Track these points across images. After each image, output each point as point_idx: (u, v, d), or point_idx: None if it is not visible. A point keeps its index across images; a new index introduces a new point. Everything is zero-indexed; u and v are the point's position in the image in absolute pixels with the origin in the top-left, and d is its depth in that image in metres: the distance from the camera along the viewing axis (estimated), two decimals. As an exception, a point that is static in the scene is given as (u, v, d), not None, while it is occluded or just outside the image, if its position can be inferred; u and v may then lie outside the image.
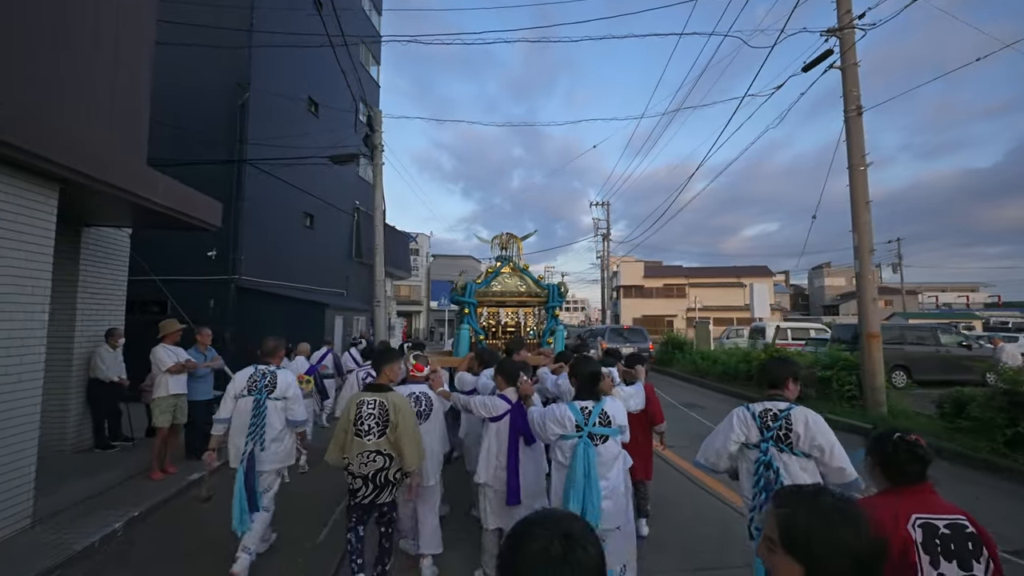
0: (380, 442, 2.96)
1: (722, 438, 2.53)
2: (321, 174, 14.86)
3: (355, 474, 2.99)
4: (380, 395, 3.07)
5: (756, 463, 2.40)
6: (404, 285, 37.42)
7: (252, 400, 3.57)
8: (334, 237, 15.89)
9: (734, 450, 2.50)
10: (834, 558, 0.92)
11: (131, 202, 4.93)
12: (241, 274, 10.97)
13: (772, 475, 2.34)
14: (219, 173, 11.12)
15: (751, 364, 11.32)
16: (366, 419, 2.98)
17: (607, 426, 2.73)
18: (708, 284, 41.73)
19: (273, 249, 12.21)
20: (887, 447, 1.61)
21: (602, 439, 2.70)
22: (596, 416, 2.71)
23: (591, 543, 0.85)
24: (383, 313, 10.05)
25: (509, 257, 6.04)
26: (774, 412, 2.43)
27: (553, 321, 5.79)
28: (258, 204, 11.66)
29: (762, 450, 2.39)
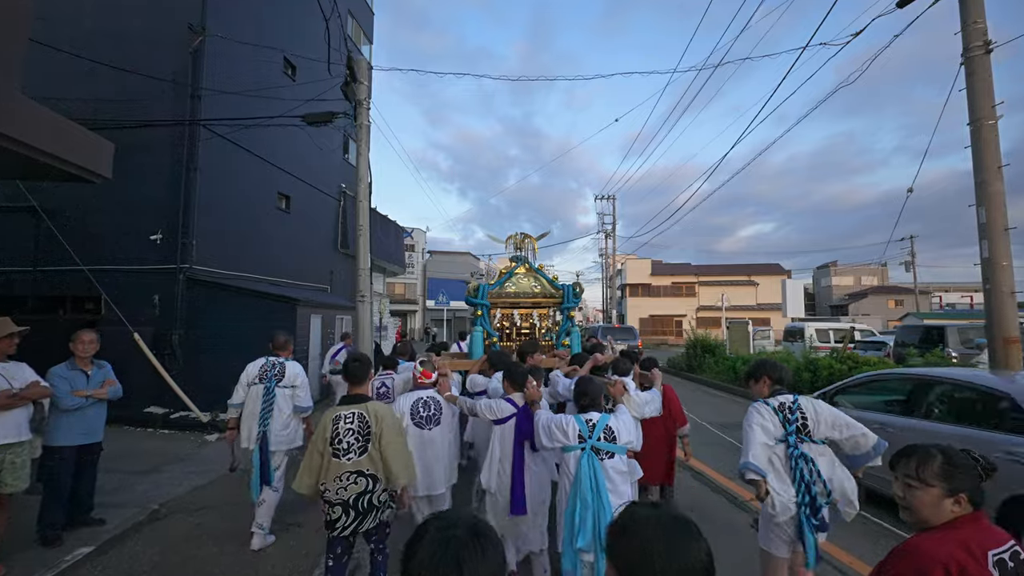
0: (361, 461, 2.70)
1: (760, 436, 2.47)
2: (301, 150, 12.76)
3: (332, 502, 2.65)
4: (358, 407, 2.80)
5: (789, 458, 2.42)
6: (399, 283, 35.34)
7: (263, 388, 4.08)
8: (316, 224, 13.78)
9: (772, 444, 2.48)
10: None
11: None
12: (194, 263, 8.87)
13: (809, 466, 2.37)
14: (165, 136, 9.02)
15: (816, 373, 9.34)
16: (344, 436, 2.71)
17: (612, 442, 2.65)
18: (718, 282, 39.83)
19: (237, 234, 10.10)
20: (968, 468, 1.38)
21: (608, 455, 2.62)
22: (600, 430, 2.64)
23: (491, 544, 0.87)
24: (368, 310, 8.00)
25: (524, 257, 5.73)
26: (788, 404, 2.53)
27: (568, 322, 5.55)
28: (217, 177, 9.55)
29: (791, 443, 2.43)
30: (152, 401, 8.60)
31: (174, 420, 8.29)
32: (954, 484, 1.37)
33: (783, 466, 2.46)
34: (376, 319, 18.49)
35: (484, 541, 0.86)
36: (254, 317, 8.78)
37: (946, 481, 1.37)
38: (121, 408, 8.45)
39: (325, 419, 2.79)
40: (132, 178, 9.18)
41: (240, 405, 4.13)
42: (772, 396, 2.62)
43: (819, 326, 15.93)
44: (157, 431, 8.16)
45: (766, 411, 2.54)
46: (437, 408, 3.49)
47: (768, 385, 2.75)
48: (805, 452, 2.42)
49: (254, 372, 4.19)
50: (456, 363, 4.83)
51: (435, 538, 0.86)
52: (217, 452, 7.00)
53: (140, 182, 9.16)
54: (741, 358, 12.79)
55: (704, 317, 39.00)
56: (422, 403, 3.45)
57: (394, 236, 19.79)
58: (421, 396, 3.49)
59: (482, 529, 0.89)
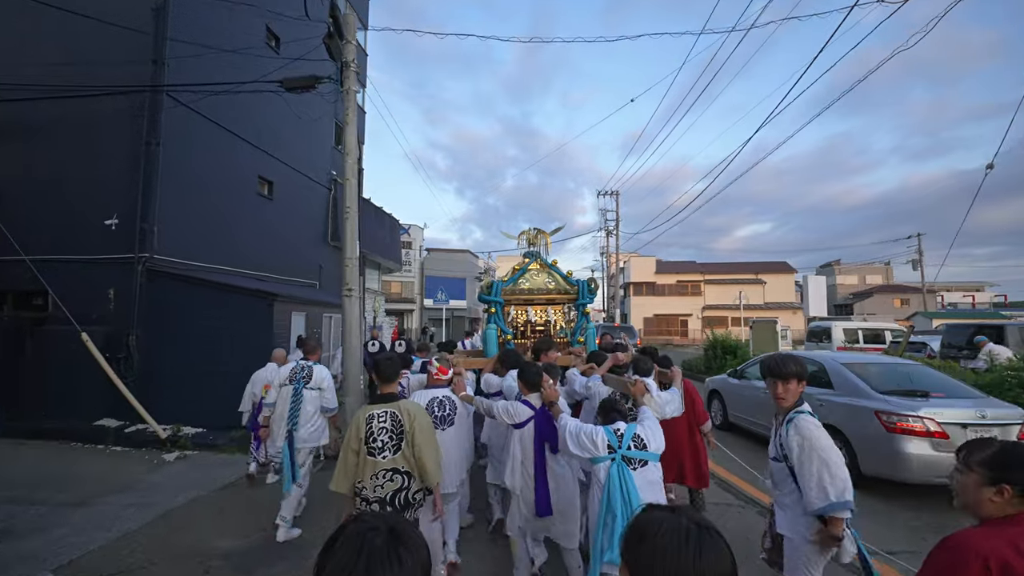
0: (396, 459, 2.70)
1: (835, 451, 2.17)
2: (287, 133, 11.57)
3: (369, 499, 2.63)
4: (390, 406, 2.79)
5: None
6: (395, 281, 34.11)
7: (292, 389, 4.37)
8: (303, 215, 12.59)
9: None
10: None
11: None
12: (155, 252, 7.67)
13: None
14: (123, 107, 7.82)
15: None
16: (378, 435, 2.70)
17: (642, 450, 2.53)
18: (724, 281, 38.73)
19: (208, 221, 8.90)
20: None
21: (641, 463, 2.51)
22: (629, 439, 2.53)
23: (410, 551, 0.84)
24: (356, 306, 6.83)
25: (537, 253, 5.59)
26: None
27: (583, 319, 5.40)
28: (185, 156, 8.36)
29: None
30: (106, 412, 7.42)
31: (129, 435, 7.10)
32: (998, 474, 1.33)
33: None
34: (369, 318, 17.30)
35: (403, 550, 0.84)
36: (224, 315, 7.58)
37: (990, 470, 1.34)
38: (67, 421, 7.43)
39: (358, 418, 2.77)
40: (84, 154, 8.01)
41: (273, 404, 4.46)
42: (801, 404, 2.32)
43: (848, 325, 14.80)
44: (108, 448, 6.96)
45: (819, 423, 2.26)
46: (452, 408, 3.45)
47: (800, 392, 2.35)
48: None
49: (286, 374, 4.51)
50: (470, 361, 4.67)
51: (351, 543, 0.84)
52: (171, 477, 5.82)
53: (93, 159, 7.97)
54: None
55: (710, 316, 37.91)
56: (437, 403, 3.43)
57: (389, 230, 18.59)
58: (436, 395, 3.46)
59: (403, 534, 0.87)
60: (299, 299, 8.82)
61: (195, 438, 7.04)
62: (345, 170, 7.07)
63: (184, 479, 5.72)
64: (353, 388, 6.83)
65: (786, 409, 2.34)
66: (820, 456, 2.12)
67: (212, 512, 4.75)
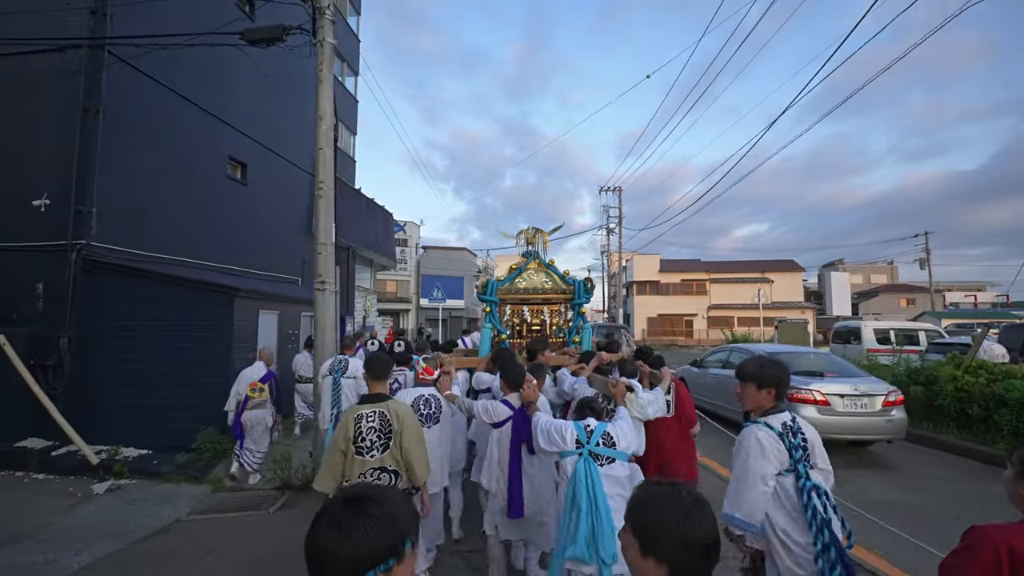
0: (384, 458, 2.71)
1: (757, 475, 1.99)
2: (265, 110, 10.34)
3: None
4: (379, 405, 2.80)
5: (801, 492, 1.94)
6: (390, 279, 32.87)
7: (331, 379, 4.98)
8: (284, 203, 11.36)
9: (773, 486, 2.01)
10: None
11: None
12: (93, 239, 6.43)
13: (823, 500, 1.92)
14: (58, 65, 6.59)
15: (933, 387, 7.03)
16: (367, 434, 2.70)
17: (611, 447, 2.49)
18: (730, 280, 37.58)
19: (164, 205, 7.66)
20: None
21: (607, 460, 2.46)
22: (598, 436, 2.49)
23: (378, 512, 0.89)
24: (330, 301, 5.63)
25: (536, 253, 5.46)
26: (789, 424, 2.07)
27: (579, 319, 5.36)
28: (134, 127, 7.13)
29: (800, 473, 1.97)
30: (32, 431, 6.18)
31: (55, 460, 5.87)
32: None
33: (793, 504, 1.96)
34: (360, 317, 16.06)
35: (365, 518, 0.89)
36: (175, 313, 6.35)
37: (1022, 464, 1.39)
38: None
39: (347, 418, 2.77)
40: (6, 122, 6.75)
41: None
42: (770, 413, 2.11)
43: (879, 325, 13.62)
44: (28, 476, 5.72)
45: (769, 436, 2.02)
46: (437, 407, 3.44)
47: (772, 399, 2.12)
48: (818, 483, 1.96)
49: (327, 366, 5.10)
50: (463, 361, 4.69)
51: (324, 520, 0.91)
52: (90, 519, 4.60)
53: (18, 128, 6.73)
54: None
55: (716, 316, 36.77)
56: (423, 401, 3.41)
57: (382, 223, 17.34)
58: (423, 394, 3.44)
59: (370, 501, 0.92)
60: (270, 295, 7.59)
61: (135, 463, 5.81)
62: (318, 137, 5.86)
63: (105, 522, 4.50)
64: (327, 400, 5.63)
65: (746, 412, 2.25)
66: (738, 469, 2.07)
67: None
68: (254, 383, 5.47)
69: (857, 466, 6.01)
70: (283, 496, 5.11)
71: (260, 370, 5.70)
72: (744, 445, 2.07)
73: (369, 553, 0.87)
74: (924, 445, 6.82)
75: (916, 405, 7.19)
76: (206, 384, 6.16)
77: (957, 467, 5.99)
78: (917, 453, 6.57)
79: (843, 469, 5.82)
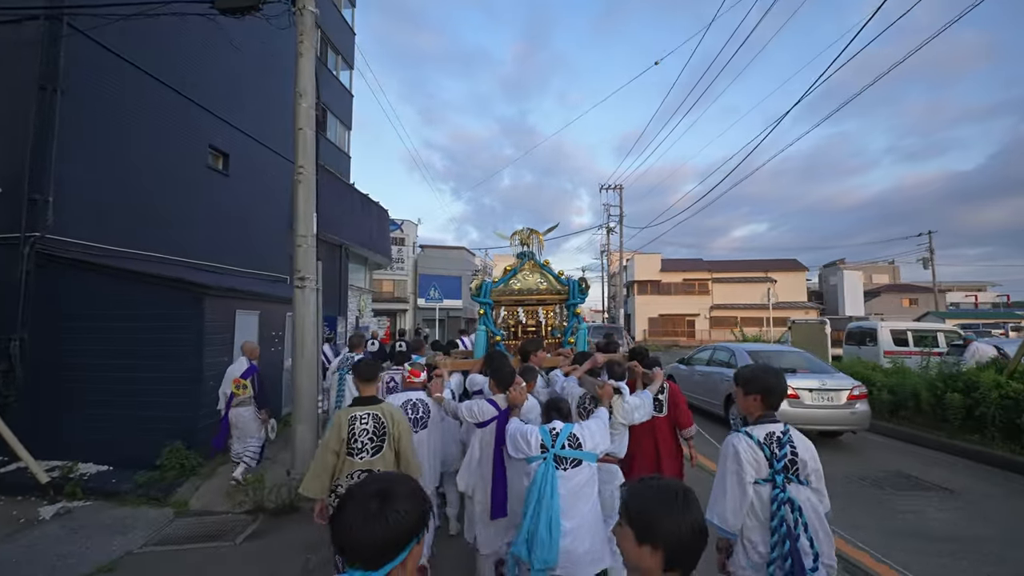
0: (374, 460, 2.70)
1: (735, 483, 2.00)
2: (250, 99, 9.74)
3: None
4: (372, 408, 2.81)
5: (773, 502, 1.93)
6: (387, 279, 32.22)
7: (339, 375, 5.48)
8: (271, 198, 10.72)
9: (751, 494, 1.99)
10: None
11: None
12: (48, 231, 5.80)
13: (795, 515, 1.90)
14: (9, 37, 5.96)
15: (974, 395, 6.44)
16: (360, 436, 2.72)
17: (576, 448, 2.50)
18: (733, 279, 37.01)
19: (133, 196, 7.03)
20: None
21: (572, 463, 2.47)
22: (564, 438, 2.50)
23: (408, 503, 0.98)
24: (311, 300, 5.02)
25: (531, 253, 5.38)
26: (777, 435, 2.05)
27: (575, 320, 5.25)
28: (99, 109, 6.50)
29: (777, 484, 1.95)
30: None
31: (1, 478, 5.23)
32: None
33: (764, 513, 1.97)
34: (354, 317, 15.42)
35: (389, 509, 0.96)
36: (140, 313, 5.71)
37: None
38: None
39: (339, 419, 2.76)
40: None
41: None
42: (759, 423, 2.10)
43: (896, 326, 13.01)
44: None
45: (748, 445, 2.03)
46: (425, 411, 3.41)
47: (761, 407, 2.11)
48: (793, 497, 1.94)
49: (336, 363, 5.79)
50: (458, 363, 4.62)
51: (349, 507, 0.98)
52: (28, 553, 3.97)
53: (-33, 107, 6.08)
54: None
55: (718, 316, 36.20)
56: (411, 405, 3.38)
57: (376, 220, 16.70)
58: (411, 398, 3.41)
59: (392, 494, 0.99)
60: (249, 294, 6.94)
61: (92, 482, 5.18)
62: (298, 116, 5.26)
63: (44, 555, 3.89)
64: (307, 412, 5.00)
65: (742, 418, 2.26)
66: (720, 474, 2.07)
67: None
68: (237, 379, 5.16)
69: (907, 488, 5.40)
70: (254, 522, 4.49)
71: (242, 365, 5.31)
72: (724, 453, 2.09)
73: (396, 538, 0.95)
74: (971, 459, 6.19)
75: (955, 415, 6.59)
76: (174, 392, 5.54)
77: (1010, 485, 5.38)
78: (965, 468, 5.94)
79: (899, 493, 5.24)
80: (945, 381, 6.98)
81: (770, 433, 2.05)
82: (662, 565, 1.08)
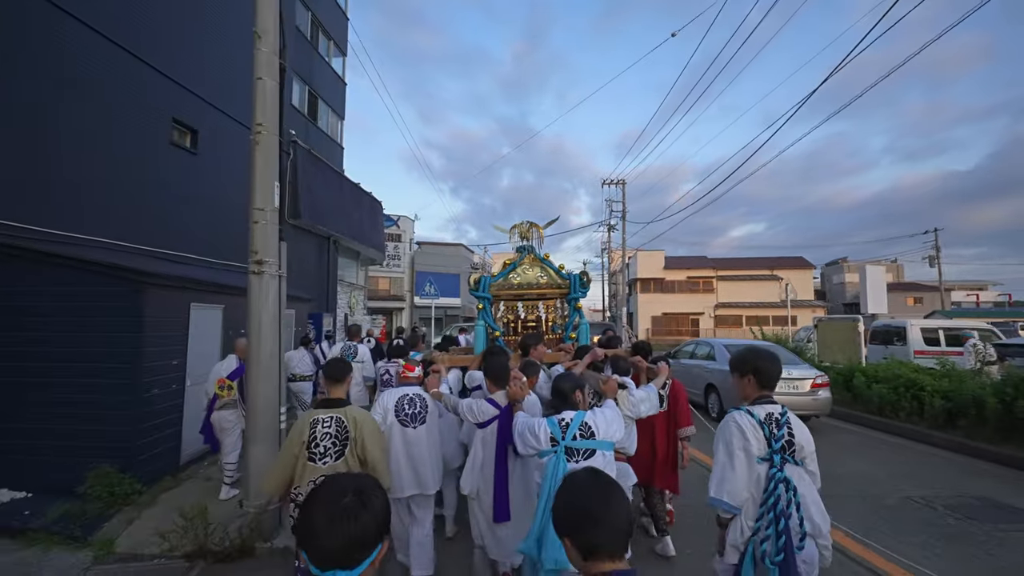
0: (337, 465, 2.58)
1: (742, 458, 1.98)
2: (223, 72, 8.72)
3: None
4: (336, 411, 2.68)
5: (769, 480, 1.94)
6: (382, 276, 31.25)
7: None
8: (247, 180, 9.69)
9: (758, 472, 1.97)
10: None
11: None
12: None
13: (790, 495, 1.90)
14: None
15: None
16: (321, 440, 2.60)
17: (589, 438, 2.36)
18: (739, 277, 36.11)
19: (77, 174, 6.05)
20: None
21: (584, 454, 2.34)
22: (575, 428, 2.37)
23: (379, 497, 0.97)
24: (270, 288, 4.08)
25: (531, 247, 5.31)
26: (776, 416, 2.04)
27: (576, 314, 5.13)
28: (33, 73, 5.51)
29: (775, 463, 1.95)
30: None
31: None
32: None
33: (758, 489, 1.98)
34: (343, 314, 14.45)
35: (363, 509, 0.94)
36: (64, 308, 4.72)
37: None
38: None
39: (302, 421, 2.67)
40: None
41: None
42: (758, 403, 2.09)
43: (927, 324, 12.12)
44: None
45: (749, 422, 2.02)
46: (423, 406, 3.26)
47: (755, 387, 2.13)
48: (789, 476, 1.93)
49: (337, 350, 6.25)
50: (456, 359, 4.44)
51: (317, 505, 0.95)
52: None
53: None
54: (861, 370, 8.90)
55: (723, 315, 35.32)
56: (407, 400, 3.24)
57: (368, 211, 15.70)
58: (407, 393, 3.27)
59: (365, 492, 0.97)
60: (207, 285, 5.95)
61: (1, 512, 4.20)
62: (257, 63, 4.36)
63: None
64: (264, 428, 4.02)
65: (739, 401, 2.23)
66: (722, 453, 2.05)
67: None
68: (222, 380, 4.80)
69: (1000, 519, 4.46)
70: (193, 569, 3.52)
71: (231, 364, 4.94)
72: (725, 430, 2.05)
73: (372, 533, 0.94)
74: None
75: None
76: (104, 404, 4.57)
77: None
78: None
79: (990, 525, 4.29)
80: (1017, 386, 6.05)
81: (769, 414, 2.05)
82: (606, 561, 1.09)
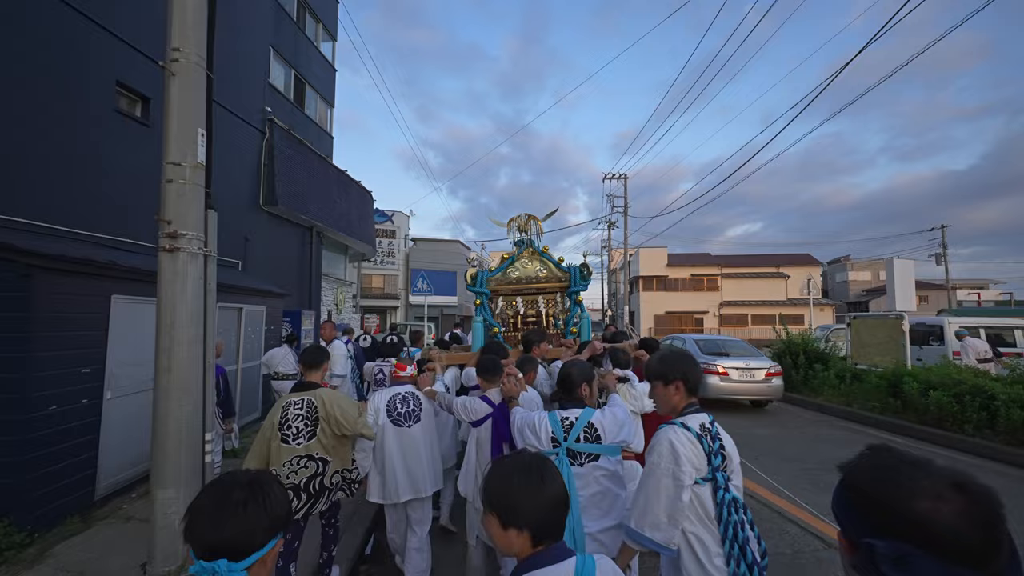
0: (311, 445, 2.68)
1: (671, 484, 1.69)
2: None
3: (284, 486, 1.98)
4: (307, 393, 2.79)
5: (720, 504, 1.68)
6: (376, 274, 30.14)
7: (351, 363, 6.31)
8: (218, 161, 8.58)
9: (689, 498, 1.70)
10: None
11: None
12: None
13: (742, 516, 1.69)
14: None
15: None
16: (293, 421, 2.69)
17: (594, 441, 2.17)
18: (744, 275, 35.12)
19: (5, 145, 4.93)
20: None
21: (588, 458, 2.15)
22: (580, 429, 2.18)
23: (276, 492, 0.97)
24: (188, 269, 3.07)
25: (529, 240, 5.20)
26: (707, 426, 1.79)
27: (576, 308, 5.03)
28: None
29: (719, 483, 1.70)
30: None
31: None
32: None
33: (708, 516, 1.71)
34: (326, 312, 13.35)
35: (252, 501, 0.93)
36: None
37: None
38: None
39: (276, 407, 2.76)
40: None
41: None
42: (688, 413, 1.83)
43: (967, 322, 11.15)
44: None
45: (685, 437, 1.73)
46: (416, 405, 3.25)
47: (684, 394, 1.86)
48: (736, 496, 1.72)
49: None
50: (453, 357, 4.45)
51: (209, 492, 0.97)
52: None
53: None
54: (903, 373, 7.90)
55: (728, 314, 34.34)
56: (400, 399, 3.23)
57: (356, 202, 14.58)
58: (399, 392, 3.27)
59: (260, 485, 0.97)
60: (133, 272, 4.81)
61: None
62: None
63: None
64: (181, 465, 2.94)
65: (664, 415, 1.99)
66: (648, 478, 1.75)
67: None
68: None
69: None
70: None
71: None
72: (656, 450, 1.77)
73: (264, 526, 0.92)
74: None
75: None
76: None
77: None
78: None
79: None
80: None
81: (702, 424, 1.79)
82: (531, 543, 1.09)
